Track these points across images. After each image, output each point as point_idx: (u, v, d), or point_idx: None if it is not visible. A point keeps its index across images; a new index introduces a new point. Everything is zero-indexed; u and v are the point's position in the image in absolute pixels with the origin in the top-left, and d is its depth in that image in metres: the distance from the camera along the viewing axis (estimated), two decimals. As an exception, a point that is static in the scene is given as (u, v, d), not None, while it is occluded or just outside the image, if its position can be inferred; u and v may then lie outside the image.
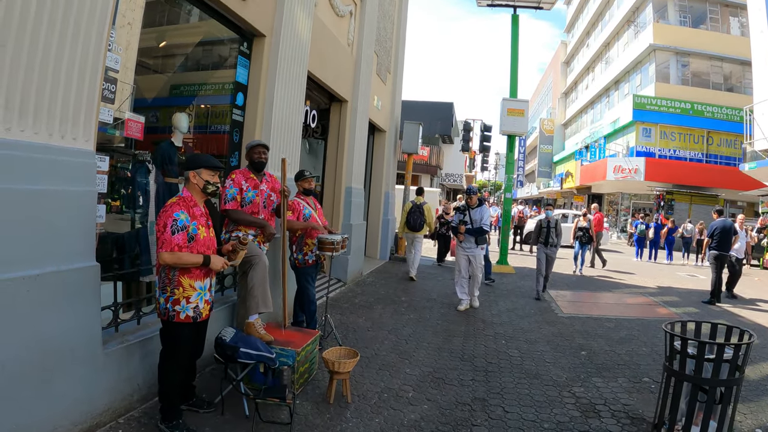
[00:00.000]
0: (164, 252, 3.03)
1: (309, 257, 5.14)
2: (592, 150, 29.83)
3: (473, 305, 7.67)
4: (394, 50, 12.03)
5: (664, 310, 8.28)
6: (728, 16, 25.33)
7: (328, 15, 7.51)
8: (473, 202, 7.56)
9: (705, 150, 24.73)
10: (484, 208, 7.60)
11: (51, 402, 2.78)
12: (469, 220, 7.46)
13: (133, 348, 3.43)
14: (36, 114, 2.66)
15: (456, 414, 3.89)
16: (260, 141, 4.52)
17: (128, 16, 3.84)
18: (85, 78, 2.93)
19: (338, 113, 8.86)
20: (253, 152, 4.43)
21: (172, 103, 5.40)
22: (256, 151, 4.43)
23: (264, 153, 4.45)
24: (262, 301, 4.13)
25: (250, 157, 4.45)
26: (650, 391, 4.57)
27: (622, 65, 28.49)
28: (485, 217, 7.48)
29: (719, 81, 25.37)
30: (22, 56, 2.55)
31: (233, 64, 5.30)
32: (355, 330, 5.94)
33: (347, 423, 3.61)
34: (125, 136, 4.11)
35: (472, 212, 7.46)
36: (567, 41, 44.81)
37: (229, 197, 4.26)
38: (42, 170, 2.69)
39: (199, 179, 3.22)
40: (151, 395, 3.57)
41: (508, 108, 12.19)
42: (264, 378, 3.78)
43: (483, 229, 7.46)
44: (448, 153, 35.13)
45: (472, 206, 7.52)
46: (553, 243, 8.92)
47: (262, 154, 4.44)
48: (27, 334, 2.61)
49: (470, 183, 19.24)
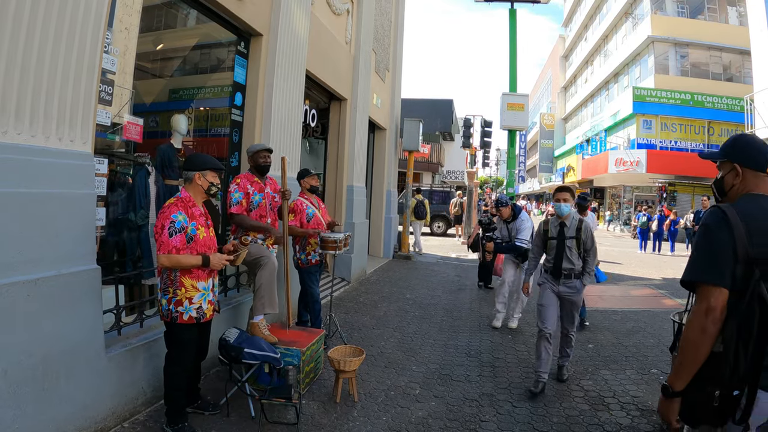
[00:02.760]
0: (161, 255, 3.02)
1: (312, 257, 5.12)
2: (593, 143, 29.75)
3: (510, 325, 6.27)
4: (392, 48, 11.99)
5: (669, 301, 8.23)
6: (726, 6, 25.19)
7: (325, 13, 7.48)
8: (506, 216, 6.31)
9: (706, 140, 24.61)
10: (520, 219, 6.24)
11: (54, 407, 2.75)
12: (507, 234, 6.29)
13: (136, 351, 3.41)
14: (32, 116, 2.64)
15: (464, 410, 3.86)
16: (264, 145, 4.50)
17: (125, 21, 3.82)
18: (81, 79, 2.90)
19: (338, 112, 8.82)
20: (258, 156, 4.41)
21: (171, 107, 5.38)
22: (261, 156, 4.41)
23: (269, 157, 4.46)
24: (269, 302, 4.11)
25: (254, 161, 4.43)
26: (659, 382, 4.52)
27: (621, 58, 28.38)
28: (522, 230, 6.10)
29: (719, 71, 25.25)
30: (17, 57, 2.52)
31: (231, 66, 5.27)
32: (360, 329, 5.91)
33: (354, 422, 3.58)
34: (125, 140, 4.09)
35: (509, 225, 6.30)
36: (565, 35, 44.69)
37: (234, 201, 4.24)
38: (40, 173, 2.67)
39: (204, 181, 3.21)
40: (156, 398, 3.54)
41: (508, 102, 12.15)
42: (269, 378, 3.75)
43: (515, 246, 6.08)
44: (449, 150, 35.09)
45: (506, 220, 6.34)
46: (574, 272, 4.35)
47: (267, 158, 4.44)
48: (28, 339, 2.58)
49: (472, 179, 19.10)
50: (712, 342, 1.70)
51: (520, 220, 6.19)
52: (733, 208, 1.77)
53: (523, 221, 6.15)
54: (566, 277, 4.31)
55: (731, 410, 1.70)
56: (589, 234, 4.33)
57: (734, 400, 1.67)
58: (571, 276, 4.32)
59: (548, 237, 4.41)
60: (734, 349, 1.65)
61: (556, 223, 4.38)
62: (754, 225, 1.72)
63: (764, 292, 1.63)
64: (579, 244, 4.31)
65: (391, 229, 12.25)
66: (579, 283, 4.34)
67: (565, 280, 4.32)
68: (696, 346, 1.72)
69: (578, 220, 4.38)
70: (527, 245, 5.88)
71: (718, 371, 1.70)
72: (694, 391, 1.76)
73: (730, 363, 1.65)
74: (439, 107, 29.33)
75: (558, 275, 4.33)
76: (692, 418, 1.82)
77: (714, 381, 1.72)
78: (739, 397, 1.66)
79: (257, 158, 4.42)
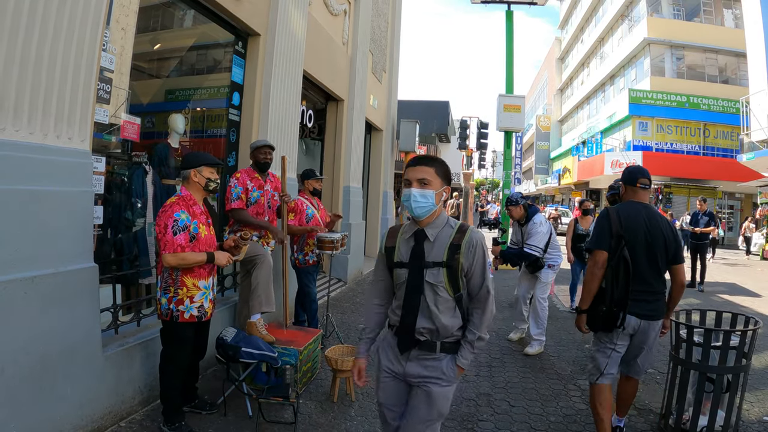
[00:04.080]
0: (167, 254, 3.00)
1: (309, 257, 5.12)
2: (589, 145, 29.82)
3: (527, 351, 5.28)
4: (389, 49, 12.00)
5: (666, 302, 8.24)
6: (722, 8, 25.36)
7: (322, 14, 7.48)
8: (517, 216, 5.42)
9: (702, 142, 24.74)
10: (533, 222, 5.29)
11: (51, 406, 2.74)
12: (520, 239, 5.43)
13: (133, 350, 3.39)
14: (31, 113, 2.62)
15: (461, 410, 3.86)
16: (266, 141, 4.48)
17: (122, 21, 3.80)
18: (79, 77, 2.89)
19: (335, 112, 8.82)
20: (260, 153, 4.39)
21: (168, 107, 5.36)
22: (262, 152, 4.39)
23: (270, 153, 4.43)
24: (266, 301, 4.09)
25: (255, 158, 4.40)
26: (656, 382, 4.54)
27: (617, 60, 28.52)
28: (533, 235, 5.21)
29: (714, 73, 25.40)
30: (16, 53, 2.51)
31: (228, 66, 5.27)
32: (356, 329, 5.90)
33: (352, 421, 3.58)
34: (122, 139, 4.08)
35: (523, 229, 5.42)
36: (561, 37, 44.86)
37: (234, 196, 4.23)
38: (38, 171, 2.65)
39: (200, 177, 3.20)
40: (153, 398, 3.52)
41: (504, 104, 12.15)
42: (267, 378, 3.74)
43: (524, 254, 5.23)
44: (445, 151, 35.02)
45: (518, 220, 5.48)
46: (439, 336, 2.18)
47: (268, 155, 4.41)
48: (25, 337, 2.57)
49: (468, 181, 19.14)
50: (599, 281, 3.05)
51: (533, 223, 5.28)
52: (614, 208, 3.19)
53: (536, 224, 5.25)
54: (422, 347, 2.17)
55: (614, 321, 3.02)
56: (478, 255, 2.12)
57: (614, 315, 3.01)
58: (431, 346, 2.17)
59: (393, 262, 2.22)
60: (611, 285, 3.00)
61: (409, 234, 2.20)
62: (623, 216, 3.08)
63: (626, 253, 3.00)
64: (454, 277, 2.12)
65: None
66: (447, 363, 2.19)
67: (419, 353, 2.18)
68: (591, 283, 3.08)
69: (457, 228, 2.15)
70: (538, 253, 5.21)
71: (603, 298, 3.04)
72: (592, 309, 3.11)
73: (608, 293, 3.01)
74: (435, 109, 29.26)
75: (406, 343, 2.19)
76: (593, 326, 3.16)
77: (602, 303, 3.04)
78: (617, 313, 3.00)
79: (258, 155, 4.39)
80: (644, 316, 3.04)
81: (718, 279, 11.49)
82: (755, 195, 21.32)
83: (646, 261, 3.04)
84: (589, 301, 3.09)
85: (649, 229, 3.05)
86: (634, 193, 3.21)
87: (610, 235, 3.04)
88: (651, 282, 3.06)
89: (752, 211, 20.86)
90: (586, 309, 3.11)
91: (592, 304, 3.08)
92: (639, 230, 3.04)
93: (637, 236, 3.03)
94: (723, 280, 11.39)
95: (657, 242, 3.04)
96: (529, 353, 5.23)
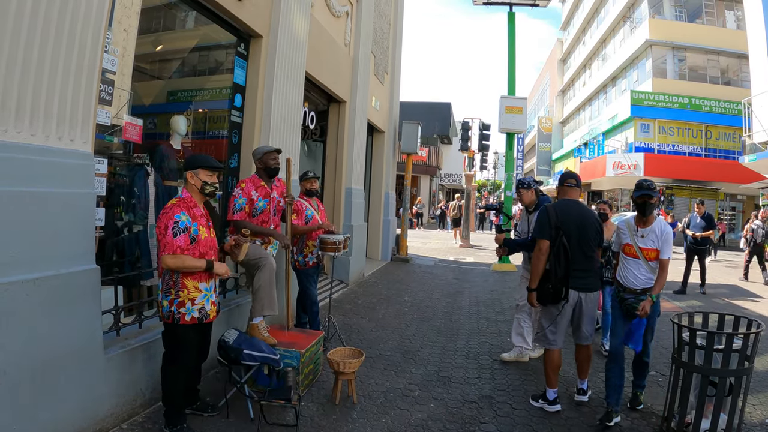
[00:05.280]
0: (166, 255, 3.00)
1: (309, 259, 5.11)
2: (591, 147, 29.81)
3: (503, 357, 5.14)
4: (391, 51, 12.01)
5: (668, 304, 8.24)
6: (723, 10, 25.30)
7: (324, 15, 7.49)
8: (527, 201, 4.99)
9: (704, 144, 24.68)
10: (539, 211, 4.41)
11: (53, 408, 2.74)
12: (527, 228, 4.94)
13: (135, 352, 3.39)
14: (33, 115, 2.63)
15: (463, 412, 3.85)
16: (274, 147, 4.43)
17: (124, 22, 3.81)
18: (81, 78, 2.90)
19: (337, 114, 8.83)
20: (269, 158, 4.31)
21: (170, 109, 5.36)
22: (272, 157, 4.32)
23: (278, 159, 4.36)
24: (268, 304, 4.07)
25: (265, 164, 4.32)
26: (658, 384, 4.53)
27: (619, 61, 28.46)
28: None
29: (716, 75, 25.33)
30: (18, 55, 2.52)
31: (230, 67, 5.27)
32: (358, 331, 5.90)
33: (354, 423, 3.57)
34: (124, 141, 4.08)
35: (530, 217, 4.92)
36: (563, 39, 44.80)
37: (237, 207, 4.14)
38: (40, 172, 2.66)
39: (196, 180, 3.18)
40: (154, 400, 3.52)
41: (506, 105, 12.14)
42: (268, 380, 3.74)
43: (528, 243, 4.54)
44: (447, 153, 35.14)
45: (527, 206, 5.03)
46: None
47: (277, 160, 4.34)
48: (27, 339, 2.57)
49: (470, 182, 19.10)
50: (544, 264, 3.84)
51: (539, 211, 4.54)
52: (552, 205, 4.00)
53: None
54: None
55: (558, 295, 3.81)
56: None
57: (559, 291, 3.80)
58: None
59: None
60: (554, 266, 3.79)
61: None
62: (559, 211, 3.88)
63: (564, 241, 3.78)
64: None
65: (389, 231, 12.26)
66: None
67: None
68: (537, 266, 3.87)
69: None
70: None
71: (549, 277, 3.82)
72: (540, 286, 3.88)
73: (553, 272, 3.80)
74: (437, 110, 29.39)
75: None
76: (542, 300, 3.92)
77: (548, 281, 3.83)
78: (561, 288, 3.79)
79: (268, 160, 4.31)
80: (581, 289, 3.85)
81: (720, 281, 11.46)
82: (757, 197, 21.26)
83: (578, 246, 3.82)
84: (537, 280, 3.88)
85: (581, 220, 3.88)
86: (564, 192, 4.09)
87: (549, 226, 3.83)
88: (583, 262, 3.84)
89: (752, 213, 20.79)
90: (535, 288, 3.91)
91: (539, 283, 3.88)
92: (572, 222, 3.83)
93: (570, 227, 3.82)
94: (725, 282, 11.36)
95: (587, 231, 3.88)
96: (505, 359, 5.11)
